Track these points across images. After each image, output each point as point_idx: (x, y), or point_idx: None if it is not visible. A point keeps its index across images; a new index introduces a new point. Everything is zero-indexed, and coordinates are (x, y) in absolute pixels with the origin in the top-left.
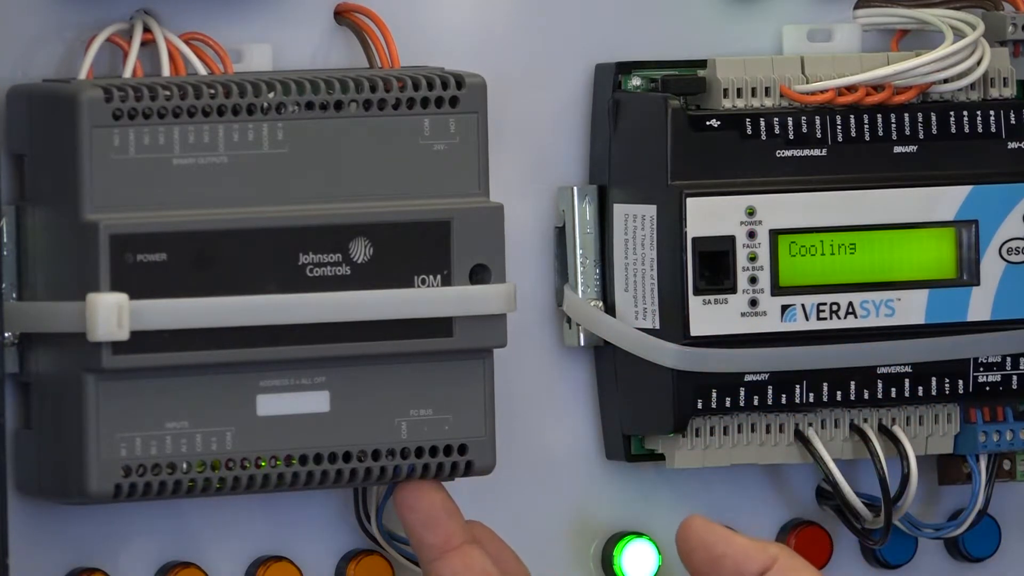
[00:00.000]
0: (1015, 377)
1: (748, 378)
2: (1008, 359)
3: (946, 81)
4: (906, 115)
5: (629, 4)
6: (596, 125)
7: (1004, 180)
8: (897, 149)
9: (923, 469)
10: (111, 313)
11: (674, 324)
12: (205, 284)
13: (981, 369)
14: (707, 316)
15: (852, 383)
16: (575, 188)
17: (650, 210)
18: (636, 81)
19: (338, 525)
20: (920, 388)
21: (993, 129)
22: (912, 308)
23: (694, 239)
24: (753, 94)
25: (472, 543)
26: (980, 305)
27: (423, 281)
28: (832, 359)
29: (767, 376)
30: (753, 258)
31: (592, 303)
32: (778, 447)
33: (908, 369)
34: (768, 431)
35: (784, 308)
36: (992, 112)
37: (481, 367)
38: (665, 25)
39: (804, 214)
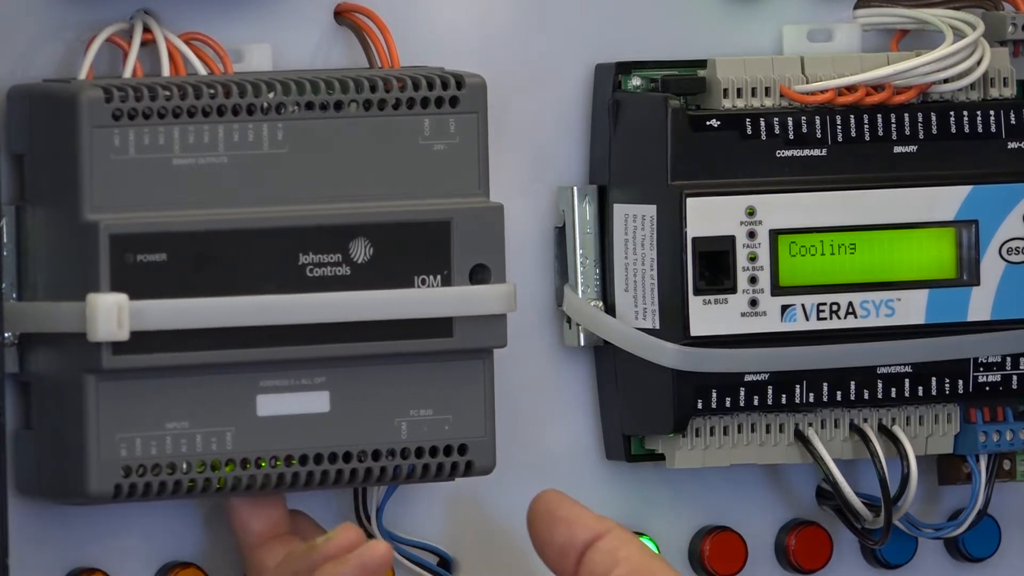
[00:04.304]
0: (1015, 377)
1: (748, 378)
2: (1008, 359)
3: (946, 81)
4: (906, 115)
5: (629, 4)
6: (596, 125)
7: (1004, 180)
8: (897, 149)
9: (923, 469)
10: (111, 313)
11: (674, 324)
12: (205, 284)
13: (981, 369)
14: (707, 316)
15: (852, 383)
16: (575, 188)
17: (650, 210)
18: (636, 81)
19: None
20: (920, 388)
21: (993, 129)
22: (912, 308)
23: (694, 239)
24: (753, 94)
25: (295, 535)
26: (980, 305)
27: (423, 281)
28: (832, 359)
29: (767, 376)
30: (753, 258)
31: (592, 303)
32: (778, 447)
33: (908, 369)
34: (768, 431)
35: (784, 308)
36: (992, 112)
37: (481, 367)
38: (665, 25)
39: (804, 214)
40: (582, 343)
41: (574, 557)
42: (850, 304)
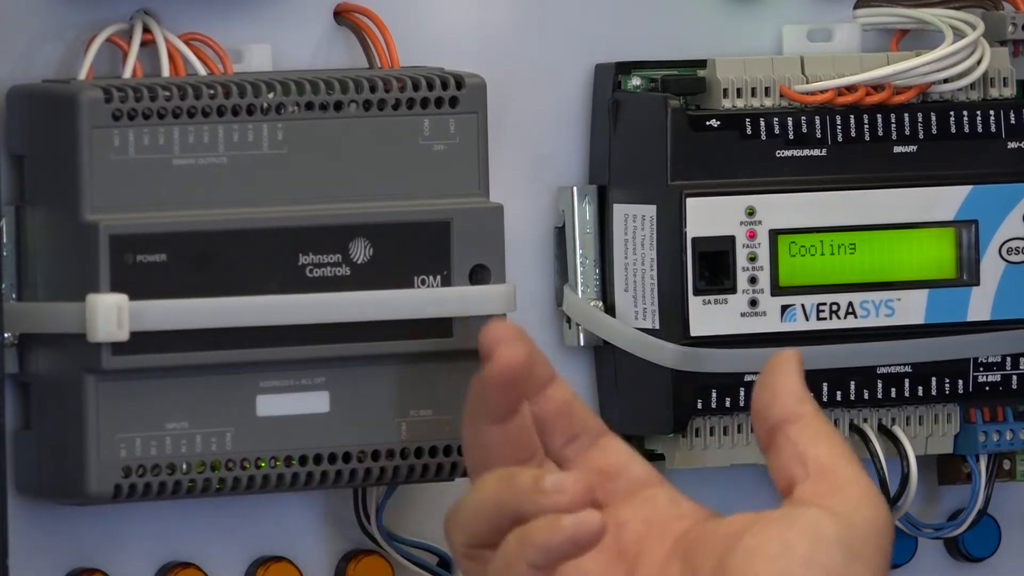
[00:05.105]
0: (1015, 377)
1: (748, 378)
2: (1008, 359)
3: (946, 81)
4: (906, 115)
5: (629, 4)
6: (596, 125)
7: (1004, 180)
8: (897, 149)
9: (923, 469)
10: (111, 314)
11: (674, 324)
12: (205, 284)
13: (981, 369)
14: (707, 316)
15: (852, 383)
16: (575, 188)
17: (650, 210)
18: (636, 81)
19: (338, 525)
20: (920, 388)
21: (993, 129)
22: (912, 308)
23: (694, 239)
24: (753, 94)
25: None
26: (980, 305)
27: (423, 281)
28: (832, 359)
29: None
30: (753, 258)
31: (592, 303)
32: None
33: (908, 369)
34: None
35: (784, 308)
36: (992, 112)
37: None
38: (665, 25)
39: (804, 214)
40: (582, 343)
41: (764, 429)
42: (850, 304)
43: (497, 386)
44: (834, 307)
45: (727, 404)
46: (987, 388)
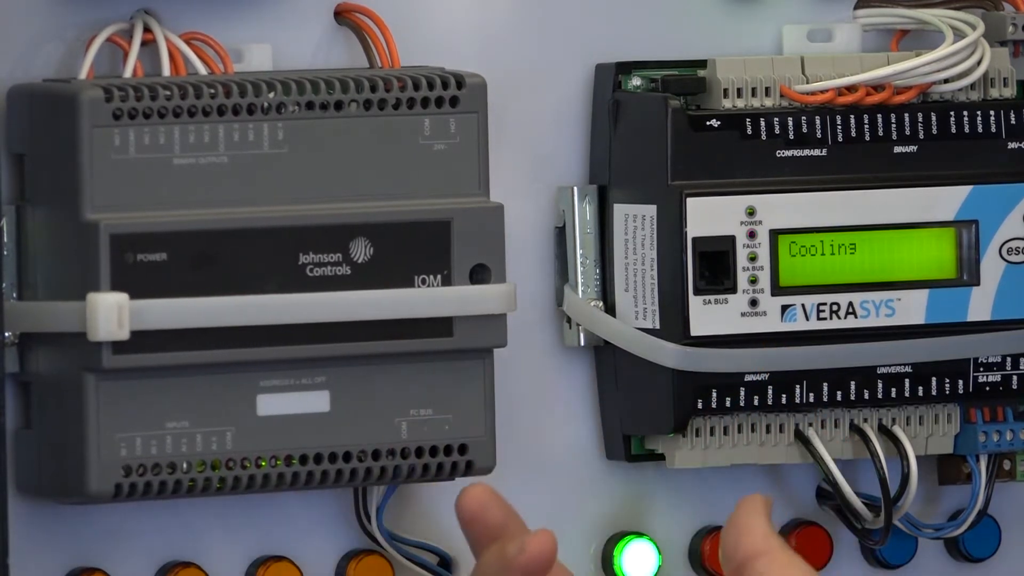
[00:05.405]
0: (1015, 377)
1: (748, 378)
2: (1008, 359)
3: (946, 81)
4: (906, 115)
5: (629, 4)
6: (596, 125)
7: (1004, 180)
8: (897, 149)
9: (923, 469)
10: (111, 313)
11: (674, 324)
12: (205, 284)
13: (981, 369)
14: (707, 316)
15: (852, 383)
16: (575, 188)
17: (650, 210)
18: (636, 81)
19: (338, 525)
20: (920, 388)
21: (993, 129)
22: (912, 308)
23: (694, 239)
24: (753, 94)
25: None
26: (980, 305)
27: (423, 281)
28: (832, 359)
29: (767, 376)
30: (753, 258)
31: (592, 303)
32: (778, 447)
33: (908, 369)
34: (768, 431)
35: (784, 308)
36: (992, 112)
37: (481, 367)
38: (665, 25)
39: (804, 214)
40: (582, 343)
41: (732, 568)
42: (850, 304)
43: (531, 572)
44: (834, 307)
45: (727, 404)
46: (987, 388)
